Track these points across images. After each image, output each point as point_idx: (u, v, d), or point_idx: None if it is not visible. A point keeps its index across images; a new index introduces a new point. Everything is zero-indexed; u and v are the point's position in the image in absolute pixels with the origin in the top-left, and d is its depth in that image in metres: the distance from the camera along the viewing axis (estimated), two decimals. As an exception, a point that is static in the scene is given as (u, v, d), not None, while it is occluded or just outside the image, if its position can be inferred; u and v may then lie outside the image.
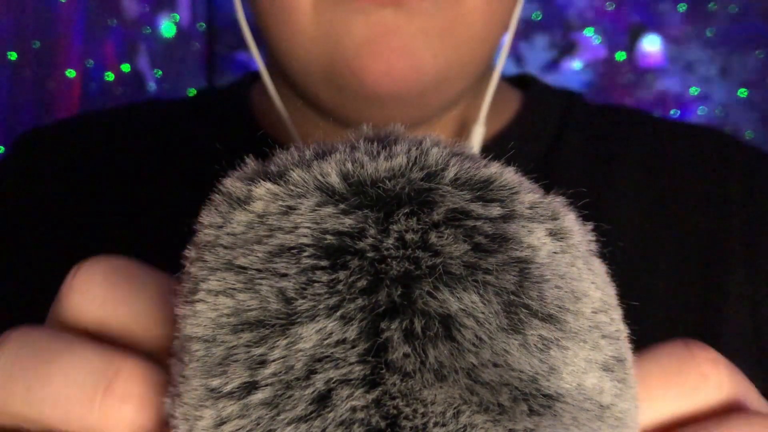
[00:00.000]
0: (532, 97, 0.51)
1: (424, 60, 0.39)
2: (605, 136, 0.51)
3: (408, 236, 0.18)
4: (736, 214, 0.48)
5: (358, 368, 0.17)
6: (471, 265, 0.18)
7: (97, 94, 1.13)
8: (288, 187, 0.19)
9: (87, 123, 0.56)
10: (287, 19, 0.40)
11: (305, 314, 0.17)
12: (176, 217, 0.22)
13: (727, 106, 1.17)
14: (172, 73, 1.17)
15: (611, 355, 0.19)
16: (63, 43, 1.10)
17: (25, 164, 0.52)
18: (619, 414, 0.19)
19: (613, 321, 0.20)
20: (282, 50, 0.41)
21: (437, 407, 0.17)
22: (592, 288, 0.19)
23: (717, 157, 0.51)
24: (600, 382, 0.19)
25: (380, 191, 0.19)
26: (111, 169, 0.50)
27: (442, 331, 0.17)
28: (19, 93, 1.08)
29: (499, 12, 0.42)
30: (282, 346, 0.17)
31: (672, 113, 1.17)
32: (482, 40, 0.41)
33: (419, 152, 0.19)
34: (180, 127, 0.52)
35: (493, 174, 0.19)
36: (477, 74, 0.43)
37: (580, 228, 0.20)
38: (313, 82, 0.42)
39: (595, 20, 1.18)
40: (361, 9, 0.38)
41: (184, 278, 0.20)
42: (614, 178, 0.49)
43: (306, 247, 0.18)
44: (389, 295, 0.17)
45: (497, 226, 0.18)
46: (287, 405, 0.17)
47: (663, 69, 1.18)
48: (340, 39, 0.39)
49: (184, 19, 1.19)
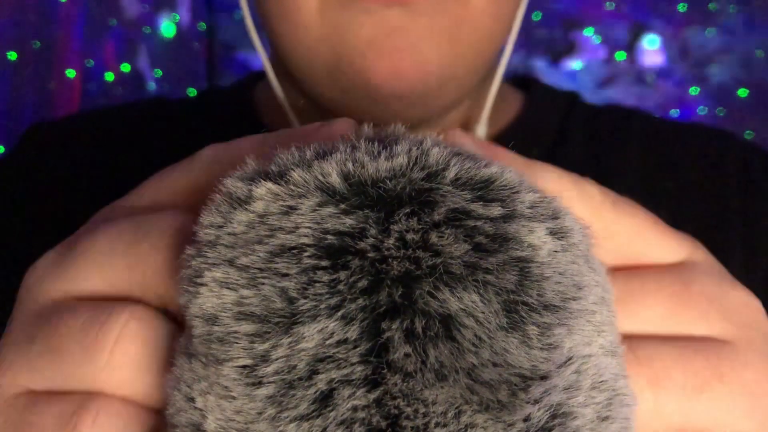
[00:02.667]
0: (534, 98, 0.52)
1: (429, 60, 0.39)
2: (606, 136, 0.51)
3: (409, 236, 0.18)
4: (734, 213, 0.48)
5: (359, 368, 0.17)
6: (471, 265, 0.18)
7: (97, 94, 1.13)
8: (289, 187, 0.19)
9: (92, 120, 0.57)
10: (293, 19, 0.40)
11: (307, 314, 0.18)
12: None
13: (727, 106, 1.17)
14: (172, 73, 1.17)
15: (611, 340, 0.20)
16: (63, 43, 1.10)
17: (32, 158, 0.53)
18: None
19: (612, 314, 0.20)
20: (287, 49, 0.42)
21: (438, 407, 0.17)
22: (593, 284, 0.19)
23: (716, 156, 0.51)
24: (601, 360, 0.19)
25: (381, 191, 0.19)
26: (115, 166, 0.51)
27: (443, 331, 0.17)
28: (19, 93, 1.08)
29: (504, 12, 0.42)
30: (285, 345, 0.17)
31: (672, 113, 1.17)
32: (487, 40, 0.41)
33: (420, 152, 0.19)
34: (184, 126, 0.52)
35: (493, 174, 0.19)
36: (481, 74, 0.43)
37: (581, 227, 0.20)
38: (317, 81, 0.42)
39: (595, 20, 1.18)
40: (367, 9, 0.38)
41: (184, 270, 0.20)
42: (615, 178, 0.49)
43: (307, 247, 0.18)
44: (390, 295, 0.17)
45: (498, 226, 0.18)
46: (290, 403, 0.17)
47: (663, 69, 1.18)
48: (346, 38, 0.39)
49: (184, 19, 1.19)
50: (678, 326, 0.23)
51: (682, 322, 0.23)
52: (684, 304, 0.23)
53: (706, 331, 0.23)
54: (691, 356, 0.22)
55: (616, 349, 0.20)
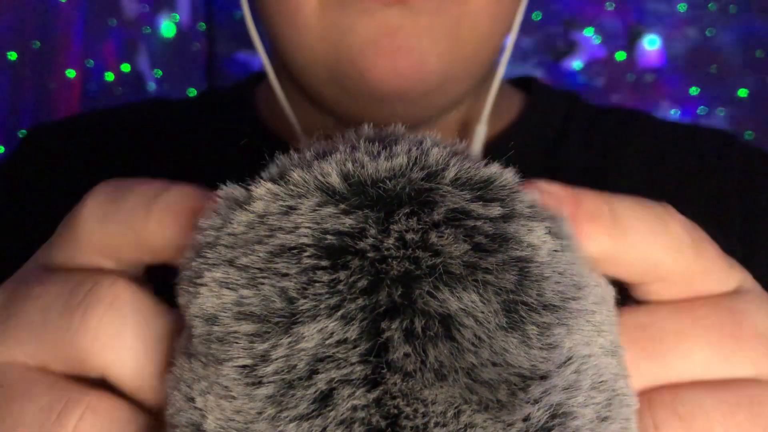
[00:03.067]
0: (534, 99, 0.52)
1: (429, 59, 0.39)
2: (606, 137, 0.51)
3: (408, 236, 0.18)
4: (734, 213, 0.48)
5: (359, 368, 0.17)
6: (471, 265, 0.18)
7: (97, 94, 1.13)
8: (288, 187, 0.19)
9: (93, 121, 0.57)
10: (293, 18, 0.40)
11: (306, 314, 0.18)
12: None
13: (727, 106, 1.17)
14: (172, 73, 1.17)
15: (611, 339, 0.20)
16: (63, 43, 1.10)
17: (33, 159, 0.53)
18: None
19: (612, 314, 0.20)
20: (287, 49, 0.42)
21: (438, 407, 0.17)
22: (593, 284, 0.20)
23: (716, 156, 0.51)
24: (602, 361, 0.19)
25: (381, 191, 0.19)
26: (116, 167, 0.51)
27: (442, 330, 0.17)
28: (19, 93, 1.08)
29: (504, 12, 0.42)
30: (285, 344, 0.17)
31: (672, 113, 1.17)
32: (487, 40, 0.41)
33: (419, 152, 0.19)
34: (185, 127, 0.52)
35: (493, 174, 0.19)
36: (481, 74, 0.43)
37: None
38: (318, 80, 0.42)
39: (595, 20, 1.18)
40: (367, 8, 0.38)
41: (184, 271, 0.20)
42: (615, 178, 0.49)
43: (307, 247, 0.18)
44: (390, 295, 0.17)
45: (497, 226, 0.18)
46: (290, 403, 0.17)
47: (663, 69, 1.18)
48: (346, 38, 0.39)
49: (184, 19, 1.19)
50: (725, 370, 0.21)
51: (729, 365, 0.21)
52: (734, 344, 0.21)
53: (752, 372, 0.21)
54: (735, 410, 0.21)
55: (616, 349, 0.20)
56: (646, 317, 0.22)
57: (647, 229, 0.21)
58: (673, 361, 0.21)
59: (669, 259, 0.21)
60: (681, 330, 0.21)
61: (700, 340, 0.21)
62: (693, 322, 0.21)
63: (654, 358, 0.21)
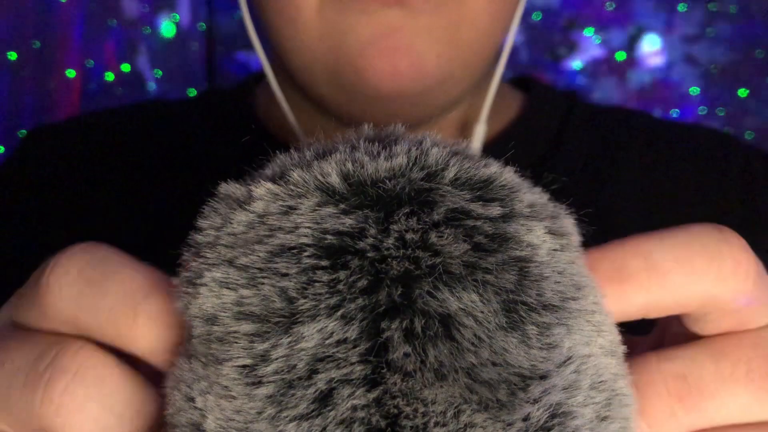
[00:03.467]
0: (534, 98, 0.52)
1: (428, 59, 0.39)
2: (606, 136, 0.51)
3: (408, 236, 0.18)
4: (734, 213, 0.48)
5: (359, 368, 0.17)
6: (471, 265, 0.18)
7: (97, 94, 1.13)
8: (288, 187, 0.19)
9: (93, 121, 0.57)
10: (292, 18, 0.40)
11: (306, 314, 0.18)
12: (180, 217, 0.22)
13: (727, 106, 1.16)
14: (172, 73, 1.17)
15: (611, 339, 0.20)
16: (63, 43, 1.10)
17: (34, 160, 0.53)
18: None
19: (612, 314, 0.20)
20: (286, 49, 0.42)
21: (438, 407, 0.17)
22: (592, 284, 0.20)
23: (716, 156, 0.51)
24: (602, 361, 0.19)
25: (380, 191, 0.19)
26: (117, 168, 0.51)
27: (442, 330, 0.17)
28: (19, 93, 1.08)
29: (502, 12, 0.42)
30: (285, 344, 0.17)
31: (672, 113, 1.17)
32: (486, 40, 0.41)
33: (419, 152, 0.19)
34: (185, 128, 0.52)
35: (492, 174, 0.19)
36: (480, 74, 0.44)
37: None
38: (317, 81, 0.42)
39: (595, 20, 1.18)
40: (366, 9, 0.38)
41: (184, 272, 0.20)
42: (615, 178, 0.49)
43: (306, 246, 0.18)
44: (389, 295, 0.18)
45: (497, 226, 0.18)
46: (289, 403, 0.17)
47: (663, 69, 1.18)
48: (345, 38, 0.39)
49: (184, 19, 1.19)
50: (765, 413, 0.21)
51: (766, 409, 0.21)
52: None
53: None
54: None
55: (616, 349, 0.20)
56: (684, 366, 0.21)
57: (692, 267, 0.20)
58: (713, 409, 0.20)
59: (723, 290, 0.20)
60: (721, 378, 0.20)
61: (740, 387, 0.20)
62: (734, 366, 0.21)
63: (693, 409, 0.20)
